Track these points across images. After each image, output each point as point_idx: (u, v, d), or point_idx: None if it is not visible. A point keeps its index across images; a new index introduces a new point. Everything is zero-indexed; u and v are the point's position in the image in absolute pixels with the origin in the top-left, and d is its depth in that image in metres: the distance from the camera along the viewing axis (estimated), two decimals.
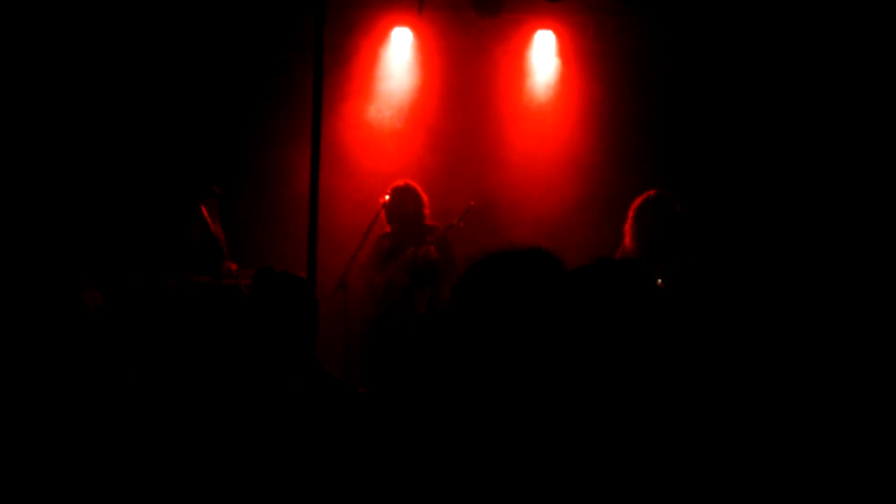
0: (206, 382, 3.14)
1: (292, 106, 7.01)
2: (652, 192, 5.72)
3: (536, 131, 7.41)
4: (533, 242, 2.06)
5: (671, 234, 5.59)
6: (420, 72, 7.43)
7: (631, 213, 5.70)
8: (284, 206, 6.99)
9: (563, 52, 7.40)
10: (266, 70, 7.28)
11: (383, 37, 7.42)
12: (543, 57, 7.42)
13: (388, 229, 6.32)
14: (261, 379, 3.05)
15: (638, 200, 5.71)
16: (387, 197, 6.24)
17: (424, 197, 6.29)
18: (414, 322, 5.99)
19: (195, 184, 6.42)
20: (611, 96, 7.31)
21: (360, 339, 6.30)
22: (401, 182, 6.31)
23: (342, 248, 6.37)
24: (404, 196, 6.23)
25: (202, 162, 6.98)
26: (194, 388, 3.17)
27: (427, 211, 6.28)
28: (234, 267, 6.09)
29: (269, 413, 2.96)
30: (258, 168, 7.25)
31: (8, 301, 3.30)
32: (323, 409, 2.97)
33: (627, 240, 5.74)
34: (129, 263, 6.13)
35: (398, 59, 7.44)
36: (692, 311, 5.16)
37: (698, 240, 5.60)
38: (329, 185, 6.53)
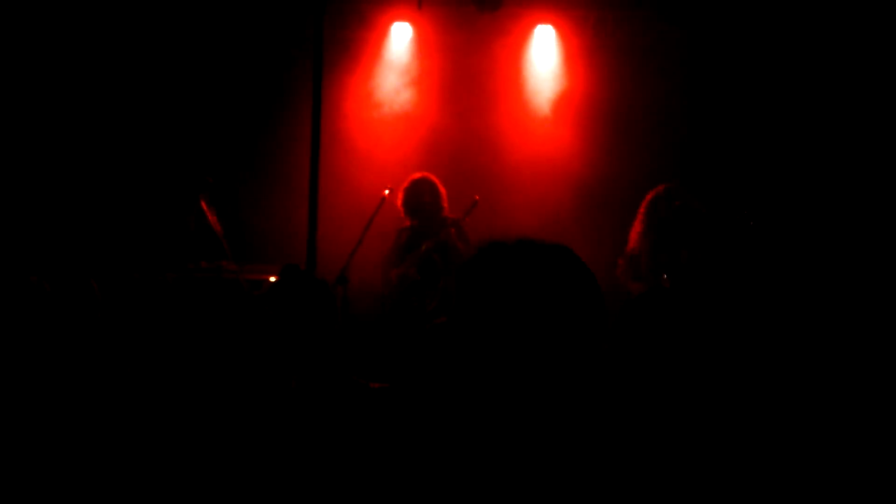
0: (209, 377, 3.15)
1: (294, 101, 7.02)
2: (662, 187, 5.72)
3: (536, 126, 7.42)
4: (531, 237, 2.03)
5: (680, 228, 5.57)
6: (420, 66, 7.44)
7: (642, 209, 5.68)
8: (285, 200, 7.00)
9: (563, 47, 7.40)
10: (268, 65, 7.28)
11: (383, 31, 7.42)
12: (543, 51, 7.43)
13: (407, 223, 6.29)
14: (266, 375, 3.06)
15: (649, 195, 5.70)
16: (386, 192, 6.23)
17: (442, 189, 6.20)
18: (424, 316, 5.94)
19: (194, 177, 6.42)
20: (611, 91, 7.31)
21: (371, 333, 6.27)
22: (417, 174, 6.26)
23: (342, 242, 6.37)
24: (420, 188, 6.17)
25: (204, 157, 6.99)
26: (196, 382, 3.18)
27: (445, 203, 6.22)
28: (230, 266, 6.08)
29: (273, 409, 2.97)
30: (259, 163, 7.27)
31: (6, 298, 3.30)
32: (332, 406, 2.97)
33: (633, 240, 5.71)
34: (129, 257, 6.14)
35: (398, 53, 7.44)
36: (696, 309, 5.17)
37: (705, 236, 5.60)
38: (329, 179, 6.54)
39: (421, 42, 7.44)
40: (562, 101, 7.39)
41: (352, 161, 7.29)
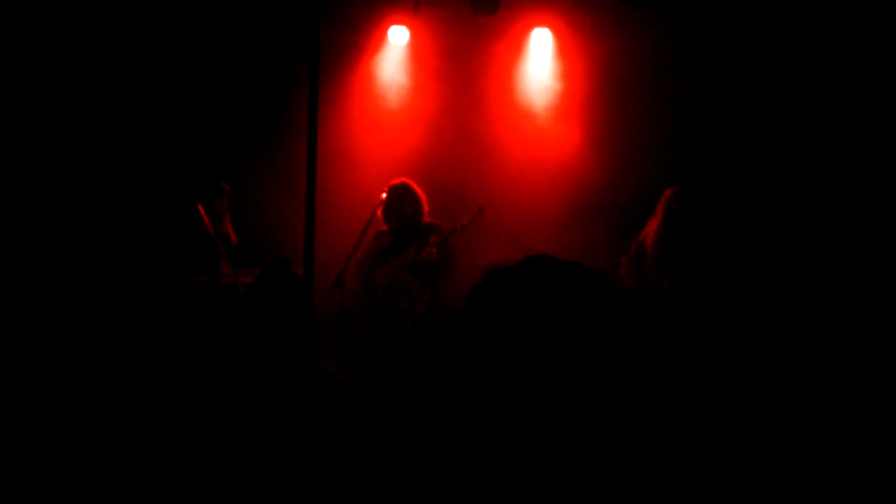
0: (205, 381, 3.15)
1: (291, 104, 7.01)
2: (675, 188, 5.77)
3: (533, 129, 7.42)
4: (530, 242, 2.05)
5: (685, 235, 5.61)
6: (417, 69, 7.44)
7: (659, 208, 5.73)
8: (282, 204, 7.00)
9: (559, 50, 7.40)
10: (265, 69, 7.28)
11: (380, 34, 7.43)
12: (540, 54, 7.43)
13: (385, 227, 6.32)
14: (259, 376, 3.06)
15: (665, 194, 5.75)
16: (384, 195, 6.24)
17: (422, 195, 6.26)
18: (415, 319, 6.01)
19: (195, 183, 6.43)
20: (607, 94, 7.31)
21: (357, 334, 6.30)
22: (397, 181, 6.29)
23: (340, 245, 6.37)
24: (400, 195, 6.21)
25: (202, 161, 6.99)
26: (193, 386, 3.18)
27: (425, 209, 6.26)
28: (227, 270, 6.09)
29: (268, 410, 2.97)
30: (256, 166, 7.26)
31: (9, 300, 3.30)
32: (321, 405, 2.98)
33: (649, 236, 5.75)
34: (128, 263, 6.14)
35: (395, 56, 7.44)
36: (702, 309, 5.18)
37: (708, 237, 5.63)
38: (327, 183, 6.54)
39: (418, 45, 7.44)
40: (559, 104, 7.39)
41: (349, 164, 7.29)
